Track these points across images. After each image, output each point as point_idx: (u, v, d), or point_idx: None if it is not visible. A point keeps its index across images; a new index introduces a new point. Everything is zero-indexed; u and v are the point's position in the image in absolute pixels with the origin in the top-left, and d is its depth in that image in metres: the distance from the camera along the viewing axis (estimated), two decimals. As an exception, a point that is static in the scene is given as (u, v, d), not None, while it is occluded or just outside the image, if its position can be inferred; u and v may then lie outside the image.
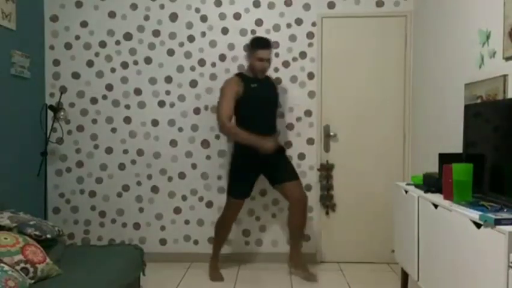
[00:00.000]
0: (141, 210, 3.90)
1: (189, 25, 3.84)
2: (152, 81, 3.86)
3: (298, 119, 3.82)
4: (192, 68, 3.85)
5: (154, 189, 3.89)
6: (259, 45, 3.33)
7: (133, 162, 3.89)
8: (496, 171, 2.11)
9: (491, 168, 2.15)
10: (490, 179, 2.15)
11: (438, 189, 2.38)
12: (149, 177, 3.89)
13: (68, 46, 3.88)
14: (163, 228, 3.90)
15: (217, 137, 3.84)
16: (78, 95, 3.88)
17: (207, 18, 3.84)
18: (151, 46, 3.85)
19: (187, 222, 3.89)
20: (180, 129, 3.87)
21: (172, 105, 3.86)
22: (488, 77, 2.42)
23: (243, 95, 3.31)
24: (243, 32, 3.81)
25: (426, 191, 2.48)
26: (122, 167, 3.89)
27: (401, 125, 3.78)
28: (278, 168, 3.42)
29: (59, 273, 2.36)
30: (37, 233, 2.47)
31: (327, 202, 3.81)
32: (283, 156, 3.53)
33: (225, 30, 3.82)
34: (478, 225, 1.78)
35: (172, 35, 3.84)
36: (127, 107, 3.88)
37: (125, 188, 3.90)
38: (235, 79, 3.38)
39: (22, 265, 2.20)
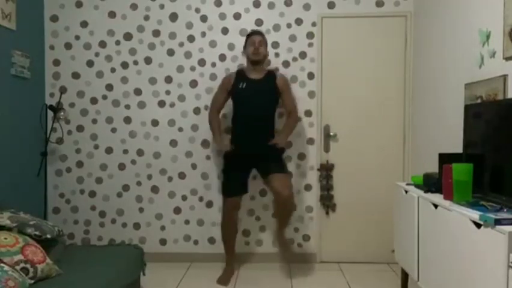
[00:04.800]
0: (141, 210, 3.90)
1: (189, 25, 3.84)
2: (152, 81, 3.86)
3: (299, 119, 3.81)
4: (192, 68, 3.85)
5: (154, 189, 3.89)
6: (249, 34, 3.52)
7: (133, 162, 3.89)
8: (496, 171, 2.11)
9: (491, 168, 2.15)
10: (490, 179, 2.15)
11: (438, 189, 2.38)
12: (149, 177, 3.89)
13: (68, 46, 3.88)
14: (163, 228, 3.90)
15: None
16: (78, 95, 3.88)
17: (207, 18, 3.84)
18: (151, 46, 3.85)
19: (187, 222, 3.89)
20: (180, 129, 3.87)
21: (172, 105, 3.86)
22: (488, 77, 2.42)
23: (234, 93, 3.45)
24: (243, 32, 3.81)
25: (426, 191, 2.48)
26: (122, 167, 3.89)
27: (401, 125, 3.78)
28: (267, 161, 3.39)
29: (59, 273, 2.37)
30: (37, 233, 2.48)
31: (327, 202, 3.81)
32: (276, 152, 3.44)
33: (225, 30, 3.82)
34: (478, 225, 1.78)
35: (172, 35, 3.84)
36: (127, 107, 3.88)
37: (125, 188, 3.90)
38: (231, 74, 3.54)
39: (22, 265, 2.20)
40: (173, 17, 3.84)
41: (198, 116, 3.85)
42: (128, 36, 3.86)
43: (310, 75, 3.80)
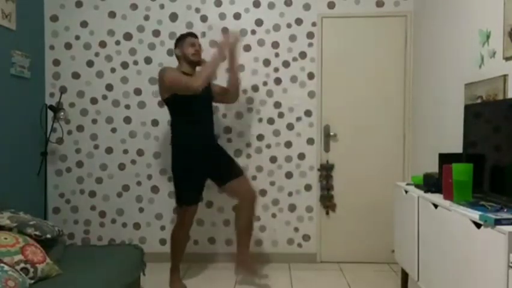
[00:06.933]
0: (141, 210, 3.90)
1: (189, 25, 3.84)
2: (152, 81, 3.86)
3: (298, 119, 3.82)
4: (192, 68, 3.84)
5: (154, 189, 3.89)
6: (186, 34, 3.27)
7: (133, 162, 3.89)
8: (496, 171, 2.11)
9: (491, 168, 2.15)
10: (490, 179, 2.15)
11: (438, 189, 2.38)
12: (149, 177, 3.89)
13: (68, 46, 3.88)
14: (163, 228, 3.90)
15: (217, 137, 3.84)
16: (78, 95, 3.88)
17: (207, 18, 3.84)
18: (151, 46, 3.85)
19: (187, 222, 3.88)
20: (180, 129, 3.86)
21: (172, 105, 3.86)
22: (488, 77, 2.42)
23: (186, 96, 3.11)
24: (243, 32, 3.81)
25: (426, 191, 2.48)
26: (122, 167, 3.89)
27: (401, 125, 3.78)
28: (221, 167, 3.28)
29: (59, 273, 2.36)
30: (37, 233, 2.47)
31: (327, 202, 3.81)
32: (224, 153, 3.36)
33: (225, 30, 3.82)
34: (478, 225, 1.78)
35: (172, 35, 3.84)
36: (127, 107, 3.88)
37: (125, 188, 3.90)
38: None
39: (22, 265, 2.20)
40: (173, 17, 3.84)
41: (198, 116, 3.85)
42: (128, 36, 3.86)
43: (310, 75, 3.80)
